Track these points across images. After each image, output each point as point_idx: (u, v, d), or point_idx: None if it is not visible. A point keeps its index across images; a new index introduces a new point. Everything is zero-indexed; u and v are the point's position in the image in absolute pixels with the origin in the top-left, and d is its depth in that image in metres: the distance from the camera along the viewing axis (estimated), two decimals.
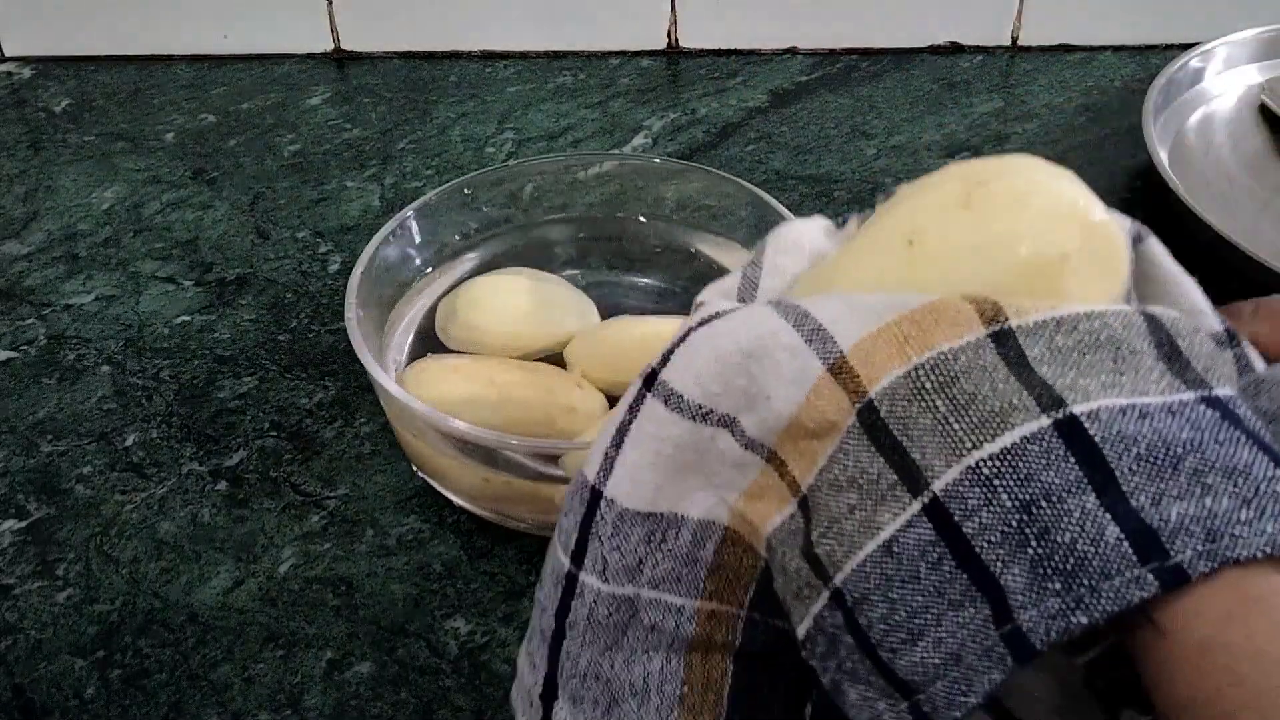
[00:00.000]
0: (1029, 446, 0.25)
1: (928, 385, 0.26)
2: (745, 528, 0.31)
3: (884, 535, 0.26)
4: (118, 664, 0.44)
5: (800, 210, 0.64)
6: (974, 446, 0.25)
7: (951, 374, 0.26)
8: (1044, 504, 0.24)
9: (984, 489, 0.25)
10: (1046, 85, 0.75)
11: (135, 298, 0.61)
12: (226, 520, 0.49)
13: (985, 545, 0.25)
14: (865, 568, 0.26)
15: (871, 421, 0.27)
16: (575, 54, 0.80)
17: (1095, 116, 0.72)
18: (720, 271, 0.57)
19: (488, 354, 0.51)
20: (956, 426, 0.25)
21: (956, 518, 0.25)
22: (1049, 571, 0.24)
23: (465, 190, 0.57)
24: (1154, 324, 0.27)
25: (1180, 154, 0.67)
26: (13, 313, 0.60)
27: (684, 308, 0.56)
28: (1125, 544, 0.23)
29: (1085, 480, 0.24)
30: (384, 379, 0.46)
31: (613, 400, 0.49)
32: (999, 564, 0.24)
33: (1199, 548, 0.23)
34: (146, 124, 0.74)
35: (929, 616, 0.25)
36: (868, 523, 0.27)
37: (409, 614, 0.46)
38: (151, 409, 0.55)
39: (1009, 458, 0.25)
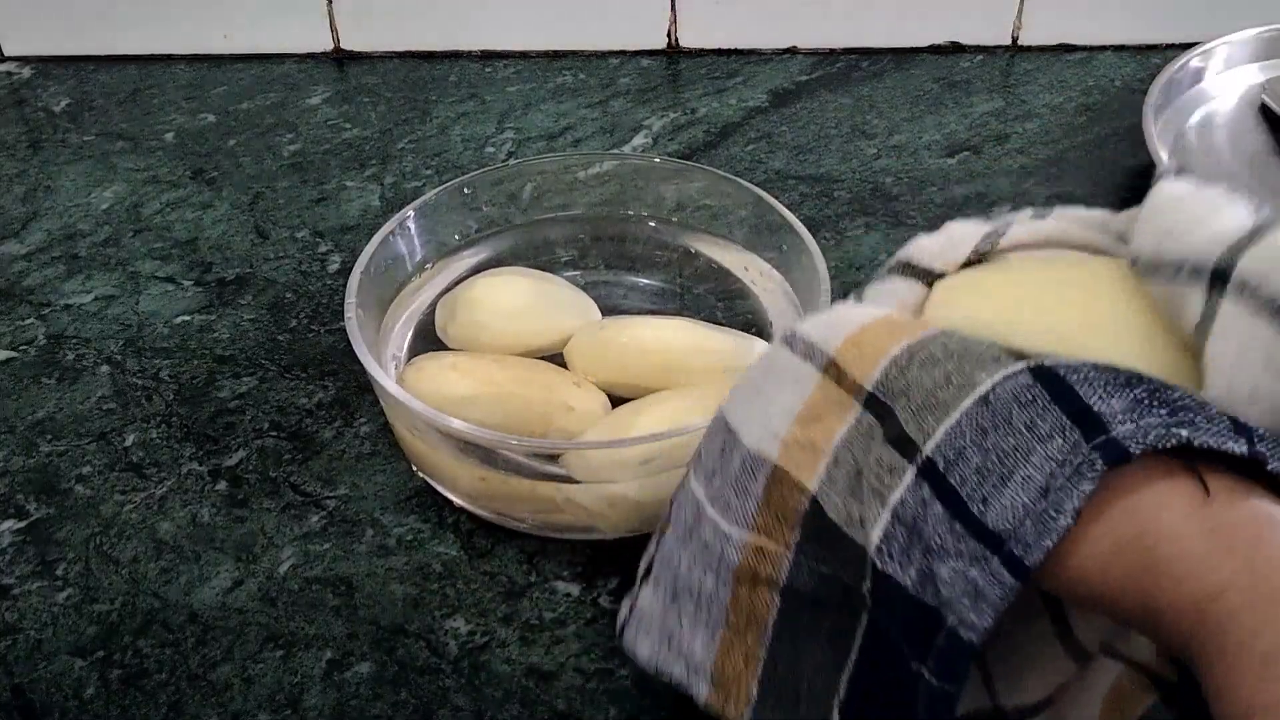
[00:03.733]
0: None
1: None
2: (800, 458, 0.31)
3: (981, 390, 0.28)
4: (117, 664, 0.44)
5: (800, 210, 0.64)
6: None
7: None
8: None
9: None
10: (1047, 85, 0.75)
11: (135, 298, 0.61)
12: (226, 520, 0.49)
13: (1086, 386, 0.27)
14: (960, 424, 0.28)
15: None
16: (575, 54, 0.80)
17: (1095, 116, 0.72)
18: (720, 271, 0.57)
19: (487, 353, 0.51)
20: None
21: (1061, 371, 0.27)
22: (1153, 403, 0.27)
23: (465, 190, 0.57)
24: None
25: (1180, 154, 0.67)
26: (12, 313, 0.60)
27: (684, 307, 0.56)
28: (1225, 417, 0.26)
29: None
30: (383, 378, 0.46)
31: (613, 399, 0.49)
32: (1098, 397, 0.27)
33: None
34: (146, 124, 0.74)
35: (1019, 455, 0.27)
36: (965, 384, 0.29)
37: (409, 614, 0.46)
38: (151, 409, 0.55)
39: None
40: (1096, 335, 0.32)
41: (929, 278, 0.36)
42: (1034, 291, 0.34)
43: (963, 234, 0.36)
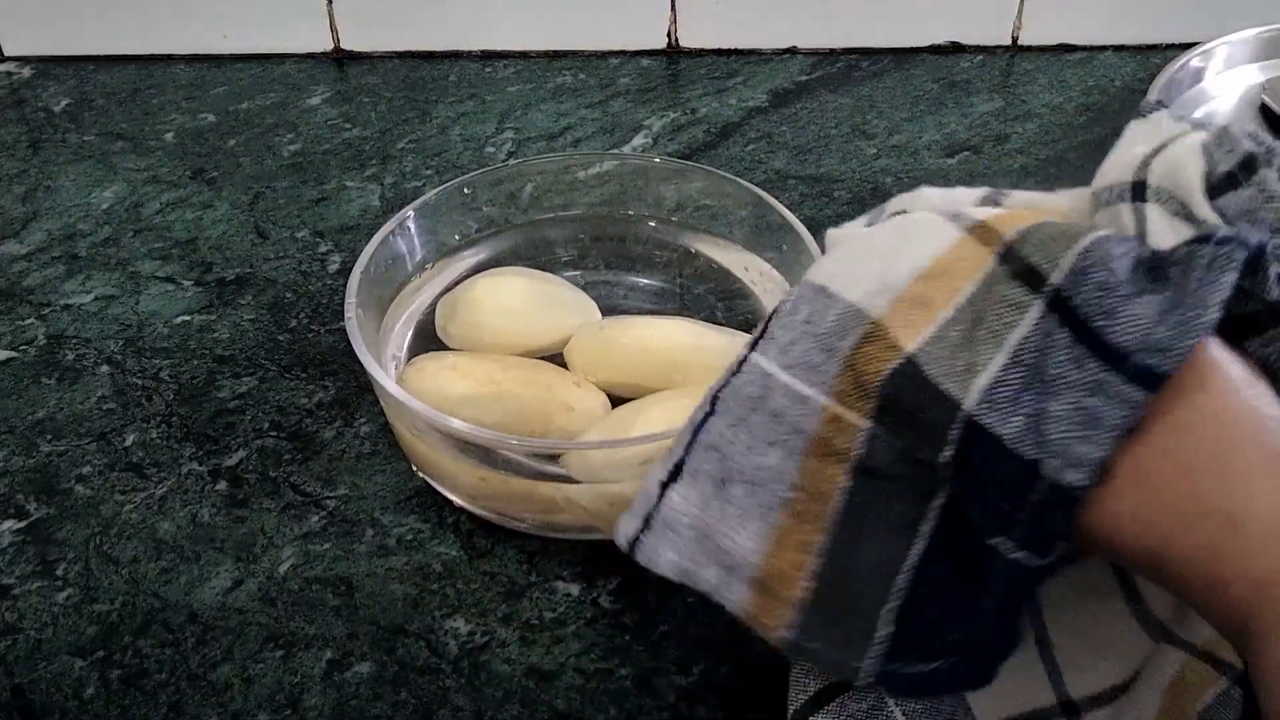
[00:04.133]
0: None
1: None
2: (908, 314, 0.31)
3: (1104, 230, 0.30)
4: (117, 664, 0.44)
5: (800, 210, 0.64)
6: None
7: None
8: None
9: None
10: (1047, 85, 0.75)
11: (135, 297, 0.61)
12: (226, 520, 0.49)
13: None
14: (1089, 248, 0.29)
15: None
16: (575, 54, 0.80)
17: (1095, 116, 0.72)
18: (720, 271, 0.57)
19: (487, 353, 0.51)
20: None
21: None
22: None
23: (465, 190, 0.57)
24: None
25: None
26: (12, 313, 0.60)
27: (684, 307, 0.56)
28: None
29: None
30: (383, 378, 0.46)
31: (613, 399, 0.49)
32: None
33: None
34: (146, 124, 0.74)
35: (1146, 269, 0.28)
36: (1089, 228, 0.30)
37: (409, 614, 0.46)
38: (151, 409, 0.55)
39: None
40: None
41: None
42: None
43: (966, 194, 0.37)
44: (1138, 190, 0.31)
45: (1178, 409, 0.27)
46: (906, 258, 0.32)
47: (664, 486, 0.33)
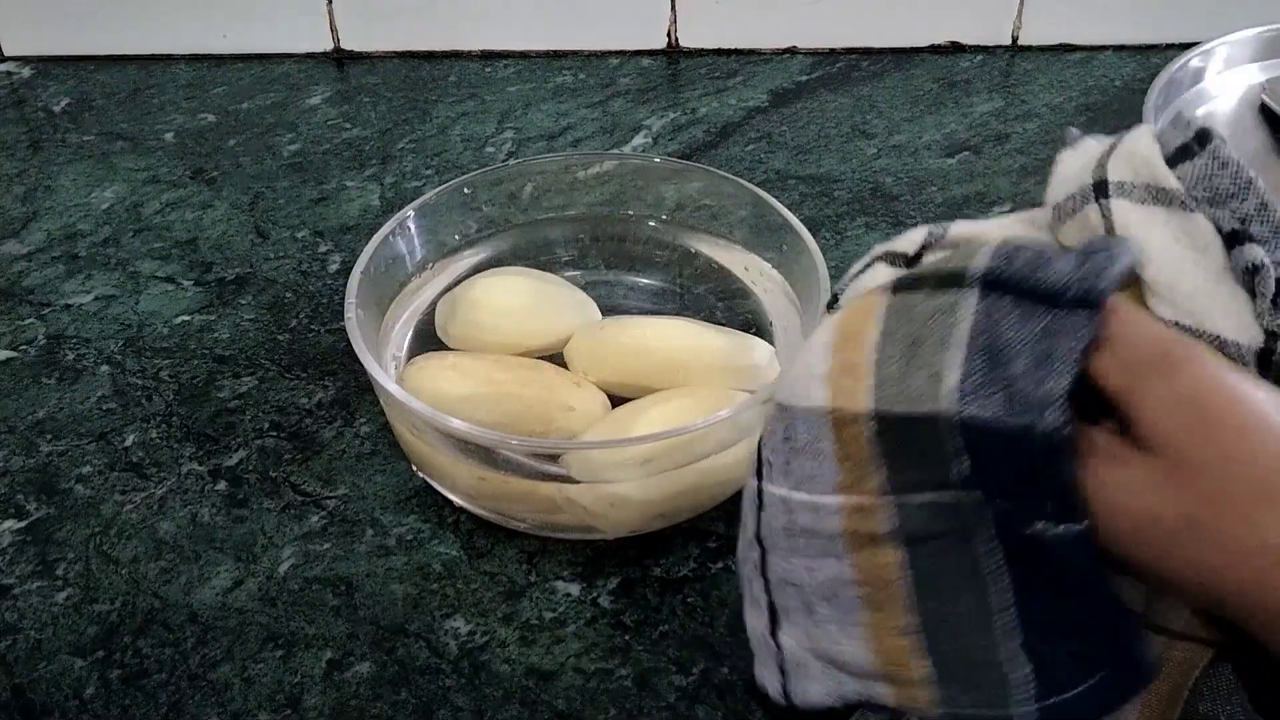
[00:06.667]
0: None
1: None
2: (845, 384, 0.31)
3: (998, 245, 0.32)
4: (117, 664, 0.44)
5: (800, 210, 0.64)
6: None
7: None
8: None
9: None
10: (1047, 85, 0.75)
11: (135, 297, 0.61)
12: (226, 520, 0.49)
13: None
14: (1003, 245, 0.31)
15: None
16: (575, 54, 0.80)
17: (1095, 116, 0.72)
18: (720, 271, 0.57)
19: (487, 353, 0.51)
20: None
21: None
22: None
23: (465, 190, 0.57)
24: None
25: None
26: (12, 313, 0.60)
27: (684, 307, 0.56)
28: None
29: None
30: (383, 378, 0.46)
31: (613, 399, 0.49)
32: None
33: None
34: (146, 124, 0.74)
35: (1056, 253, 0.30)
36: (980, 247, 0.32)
37: (409, 614, 0.46)
38: (151, 409, 0.55)
39: None
40: None
41: (905, 261, 0.37)
42: None
43: (914, 235, 0.37)
44: (1100, 189, 0.32)
45: (1211, 449, 0.27)
46: (819, 338, 0.33)
47: (774, 634, 0.34)
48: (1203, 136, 0.31)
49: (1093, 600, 0.29)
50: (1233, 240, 0.30)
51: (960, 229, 0.36)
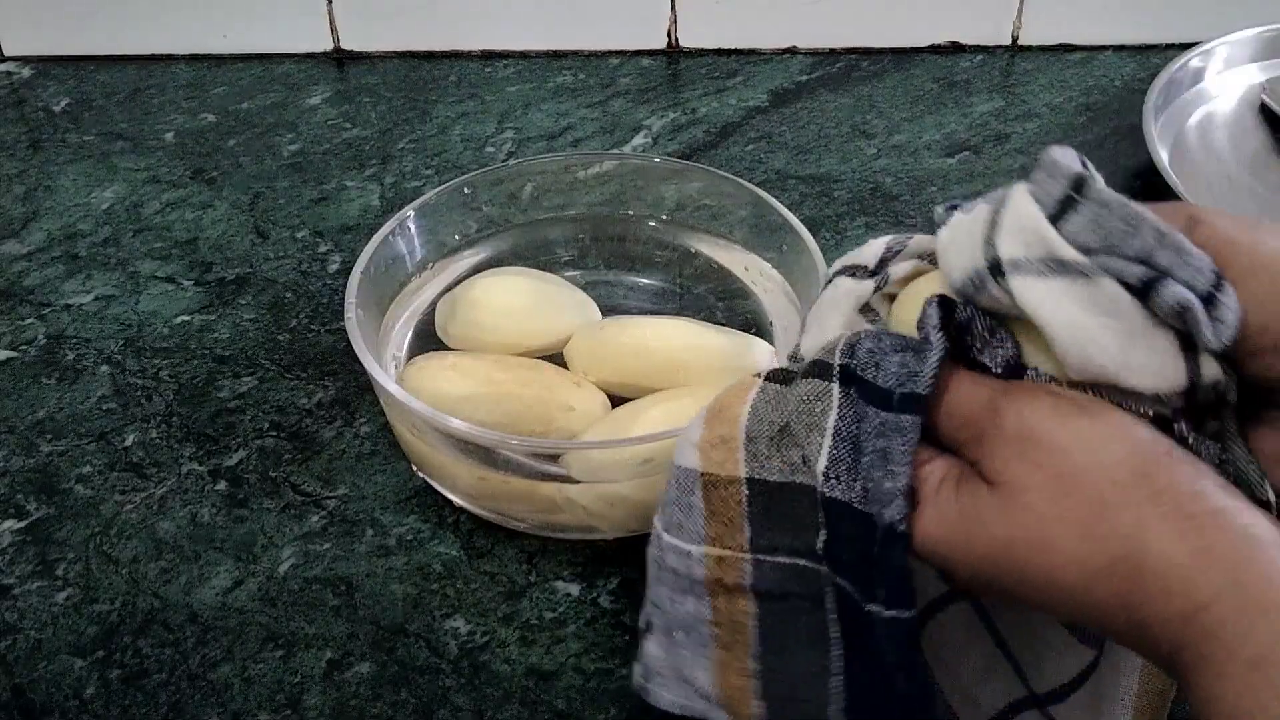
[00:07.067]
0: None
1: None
2: (717, 455, 0.34)
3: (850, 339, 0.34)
4: (117, 664, 0.44)
5: (800, 210, 0.64)
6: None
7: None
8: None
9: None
10: (1047, 85, 0.75)
11: (135, 297, 0.61)
12: (226, 520, 0.49)
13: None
14: (851, 337, 0.33)
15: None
16: (575, 54, 0.80)
17: (1095, 116, 0.72)
18: (720, 271, 0.57)
19: (487, 353, 0.51)
20: None
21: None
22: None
23: (465, 190, 0.57)
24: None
25: (1180, 154, 0.67)
26: (12, 313, 0.60)
27: (684, 308, 0.56)
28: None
29: None
30: (383, 378, 0.46)
31: (613, 399, 0.49)
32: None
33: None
34: (146, 124, 0.74)
35: (892, 348, 0.32)
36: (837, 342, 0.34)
37: (409, 614, 0.46)
38: (151, 409, 0.55)
39: None
40: None
41: (867, 273, 0.37)
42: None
43: (875, 245, 0.38)
44: (995, 269, 0.31)
45: (1039, 473, 0.29)
46: (702, 409, 0.36)
47: (643, 635, 0.37)
48: (1078, 183, 0.30)
49: (911, 681, 0.32)
50: (1147, 290, 0.29)
51: (921, 240, 0.36)
